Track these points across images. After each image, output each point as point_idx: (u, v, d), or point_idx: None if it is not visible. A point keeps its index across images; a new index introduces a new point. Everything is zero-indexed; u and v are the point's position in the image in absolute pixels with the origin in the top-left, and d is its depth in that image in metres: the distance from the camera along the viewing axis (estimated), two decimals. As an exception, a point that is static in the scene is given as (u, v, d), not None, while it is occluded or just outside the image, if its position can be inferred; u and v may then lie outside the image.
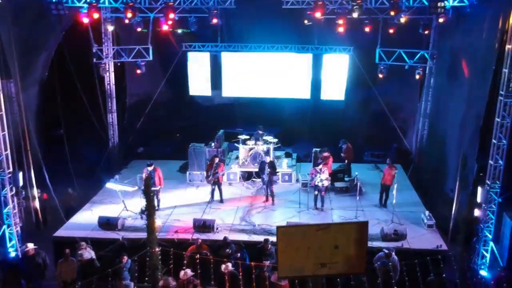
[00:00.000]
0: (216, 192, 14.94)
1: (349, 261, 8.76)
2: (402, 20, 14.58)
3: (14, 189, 12.90)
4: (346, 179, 16.20)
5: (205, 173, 15.67)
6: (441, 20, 14.38)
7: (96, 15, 13.28)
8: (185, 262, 11.21)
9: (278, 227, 8.70)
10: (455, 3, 13.24)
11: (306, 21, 15.62)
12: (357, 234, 8.72)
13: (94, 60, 16.93)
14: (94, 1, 13.50)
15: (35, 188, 13.74)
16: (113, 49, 17.87)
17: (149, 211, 10.41)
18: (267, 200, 14.91)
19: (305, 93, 19.25)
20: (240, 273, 10.75)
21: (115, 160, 18.47)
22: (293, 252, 8.65)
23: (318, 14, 13.87)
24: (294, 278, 10.00)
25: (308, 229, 9.16)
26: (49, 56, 14.90)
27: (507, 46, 10.94)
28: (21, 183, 13.10)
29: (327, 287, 9.89)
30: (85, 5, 13.50)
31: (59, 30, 14.90)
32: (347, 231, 8.78)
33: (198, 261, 10.72)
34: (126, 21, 13.88)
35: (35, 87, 14.21)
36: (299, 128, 20.07)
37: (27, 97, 13.76)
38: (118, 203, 14.41)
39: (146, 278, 11.02)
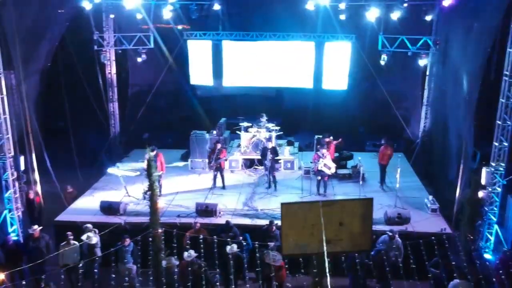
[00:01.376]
0: (218, 179, 14.89)
1: (354, 238, 8.69)
2: (405, 5, 14.53)
3: (15, 173, 12.86)
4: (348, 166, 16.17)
5: (207, 160, 15.69)
6: (445, 3, 14.27)
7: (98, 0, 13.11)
8: (186, 245, 11.13)
9: (282, 204, 8.62)
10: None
11: (308, 8, 15.45)
12: (362, 211, 8.66)
13: (96, 47, 16.88)
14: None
15: (36, 173, 13.64)
16: (114, 36, 17.80)
17: (152, 192, 10.34)
18: (269, 186, 14.84)
19: (307, 82, 19.15)
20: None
21: (117, 148, 18.40)
22: (298, 229, 8.58)
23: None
24: (298, 256, 9.89)
25: (312, 206, 9.05)
26: (53, 46, 14.78)
27: (511, 27, 10.86)
28: (22, 168, 13.06)
29: (332, 265, 9.79)
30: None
31: (63, 20, 14.81)
32: (351, 208, 8.70)
33: (201, 242, 10.63)
34: (128, 6, 13.73)
35: (37, 76, 14.10)
36: (301, 117, 19.98)
37: (28, 86, 13.64)
38: (119, 190, 14.37)
39: (149, 263, 10.97)
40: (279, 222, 11.53)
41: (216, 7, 15.62)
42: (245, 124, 16.86)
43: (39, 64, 14.14)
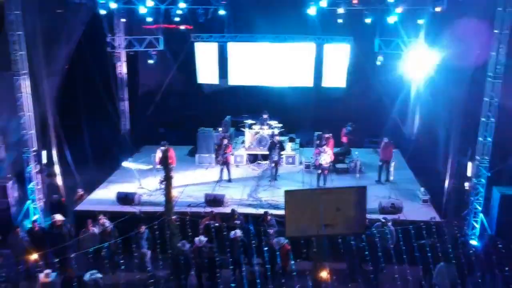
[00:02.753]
0: (225, 172, 15.93)
1: (350, 222, 9.75)
2: (399, 10, 15.53)
3: (38, 166, 13.93)
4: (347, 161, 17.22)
5: (214, 155, 16.78)
6: (437, 9, 15.29)
7: (114, 6, 14.12)
8: (201, 231, 12.23)
9: (286, 191, 9.69)
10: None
11: (308, 11, 16.40)
12: (356, 198, 9.71)
13: (108, 49, 17.94)
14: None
15: (56, 165, 14.68)
16: (126, 39, 18.85)
17: (167, 181, 11.40)
18: (272, 179, 15.87)
19: (307, 81, 20.11)
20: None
21: (127, 144, 19.44)
22: (299, 214, 9.63)
23: (322, 3, 14.74)
24: (299, 238, 10.95)
25: (312, 193, 10.19)
26: (71, 48, 15.79)
27: (495, 31, 11.87)
28: (44, 161, 14.12)
29: (330, 247, 10.86)
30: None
31: (80, 22, 15.84)
32: (347, 195, 9.77)
33: (213, 229, 11.73)
34: (141, 11, 14.76)
35: (56, 76, 15.11)
36: (302, 115, 20.85)
37: (49, 85, 14.61)
38: (132, 182, 15.44)
39: (162, 248, 11.99)
40: (274, 211, 12.77)
41: (222, 12, 16.58)
42: (249, 121, 17.89)
43: (59, 65, 15.12)
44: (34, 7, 13.34)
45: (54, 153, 14.62)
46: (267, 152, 16.45)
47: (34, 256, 11.01)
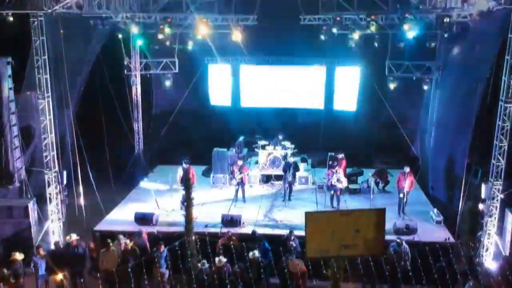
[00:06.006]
0: (239, 192, 16.19)
1: (369, 244, 9.93)
2: (410, 35, 15.90)
3: (58, 187, 14.24)
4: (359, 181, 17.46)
5: (228, 175, 17.09)
6: (446, 34, 15.66)
7: (135, 30, 14.59)
8: (219, 251, 12.45)
9: (306, 213, 9.91)
10: (459, 19, 14.52)
11: (322, 37, 16.85)
12: (375, 219, 9.91)
13: (126, 72, 18.42)
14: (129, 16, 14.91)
15: (80, 186, 14.97)
16: (141, 62, 19.34)
17: (188, 202, 11.67)
18: (285, 199, 16.12)
19: (319, 104, 20.53)
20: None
21: (142, 165, 19.75)
22: (319, 235, 9.84)
23: (334, 30, 15.16)
24: (320, 258, 11.14)
25: (332, 215, 10.38)
26: (91, 70, 16.24)
27: (506, 57, 12.24)
28: (65, 182, 14.43)
29: (349, 267, 11.03)
30: (126, 21, 14.91)
31: (100, 46, 16.33)
32: (366, 217, 9.97)
33: (232, 248, 11.95)
34: (160, 36, 15.23)
35: (77, 98, 15.53)
36: (313, 136, 21.13)
37: (70, 108, 15.00)
38: (149, 202, 15.71)
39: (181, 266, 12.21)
40: (295, 233, 12.97)
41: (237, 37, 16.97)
42: (262, 142, 18.22)
43: (80, 88, 15.55)
44: (58, 33, 13.78)
45: (74, 173, 14.91)
46: (281, 173, 16.73)
47: (59, 276, 11.23)
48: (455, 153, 15.29)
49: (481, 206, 13.16)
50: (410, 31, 14.74)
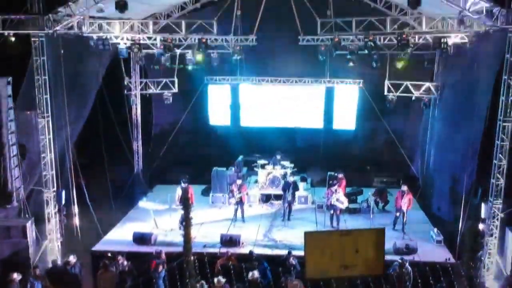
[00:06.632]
0: (239, 212, 16.11)
1: (369, 263, 9.87)
2: (406, 56, 16.05)
3: (57, 206, 14.17)
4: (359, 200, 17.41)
5: (227, 194, 17.04)
6: (444, 55, 15.83)
7: (136, 50, 14.74)
8: (217, 271, 12.33)
9: (305, 232, 9.88)
10: (457, 40, 14.69)
11: (320, 57, 17.00)
12: (375, 239, 9.88)
13: (125, 91, 18.53)
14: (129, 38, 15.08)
15: (75, 206, 14.91)
16: (141, 82, 19.47)
17: (186, 222, 11.59)
18: (284, 219, 16.05)
19: (318, 123, 20.62)
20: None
21: (141, 184, 19.70)
22: (319, 255, 9.78)
23: (332, 50, 15.30)
24: (320, 279, 11.04)
25: (331, 235, 10.35)
26: (91, 90, 16.33)
27: (503, 77, 12.32)
28: (63, 201, 14.37)
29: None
30: (127, 42, 15.08)
31: (102, 67, 16.45)
32: (366, 237, 9.94)
33: (231, 268, 11.85)
34: (164, 61, 15.50)
35: (77, 118, 15.58)
36: (312, 155, 21.21)
37: (70, 127, 15.01)
38: (147, 222, 15.62)
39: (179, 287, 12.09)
40: (295, 253, 12.87)
41: (236, 57, 17.16)
42: (262, 161, 18.22)
43: (79, 108, 15.62)
44: (58, 53, 13.89)
45: (74, 193, 14.86)
46: (280, 192, 16.69)
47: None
48: (459, 173, 15.26)
49: (481, 226, 13.07)
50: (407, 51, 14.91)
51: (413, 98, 18.09)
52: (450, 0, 12.45)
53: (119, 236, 15.01)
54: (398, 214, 15.23)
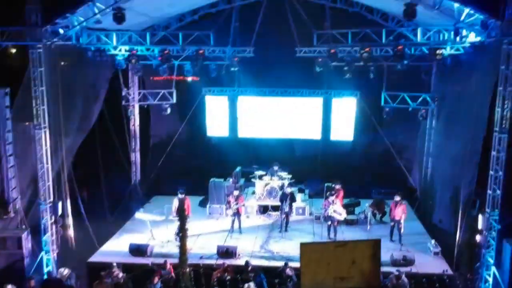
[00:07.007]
0: (236, 223, 16.06)
1: (365, 275, 9.90)
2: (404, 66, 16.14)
3: (53, 217, 14.12)
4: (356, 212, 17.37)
5: (224, 205, 17.01)
6: (440, 66, 15.90)
7: (134, 61, 14.80)
8: (214, 283, 12.27)
9: (301, 244, 9.89)
10: (452, 51, 14.76)
11: (317, 68, 17.06)
12: (371, 251, 9.91)
13: (123, 102, 18.57)
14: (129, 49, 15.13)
15: (70, 217, 14.85)
16: (139, 93, 19.53)
17: (182, 233, 11.57)
18: (281, 230, 16.00)
19: (315, 134, 20.63)
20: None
21: (138, 195, 19.66)
22: (315, 267, 9.81)
23: (329, 62, 15.37)
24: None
25: (327, 246, 10.35)
26: (90, 101, 16.36)
27: (499, 88, 12.37)
28: (59, 212, 14.33)
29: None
30: (125, 53, 15.14)
31: (104, 80, 16.52)
32: (362, 248, 9.96)
33: (226, 280, 11.79)
34: (164, 75, 15.57)
35: (74, 129, 15.58)
36: (310, 166, 21.17)
37: (67, 138, 15.00)
38: (144, 233, 15.57)
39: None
40: (292, 264, 12.81)
41: (234, 69, 17.25)
42: (259, 172, 18.20)
43: (77, 119, 15.62)
44: (56, 64, 13.94)
45: (68, 204, 14.81)
46: (278, 203, 16.66)
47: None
48: (459, 185, 15.25)
49: (478, 238, 13.02)
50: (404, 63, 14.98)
51: (410, 109, 18.11)
52: (446, 12, 12.60)
53: (116, 247, 14.93)
54: (392, 224, 15.24)
